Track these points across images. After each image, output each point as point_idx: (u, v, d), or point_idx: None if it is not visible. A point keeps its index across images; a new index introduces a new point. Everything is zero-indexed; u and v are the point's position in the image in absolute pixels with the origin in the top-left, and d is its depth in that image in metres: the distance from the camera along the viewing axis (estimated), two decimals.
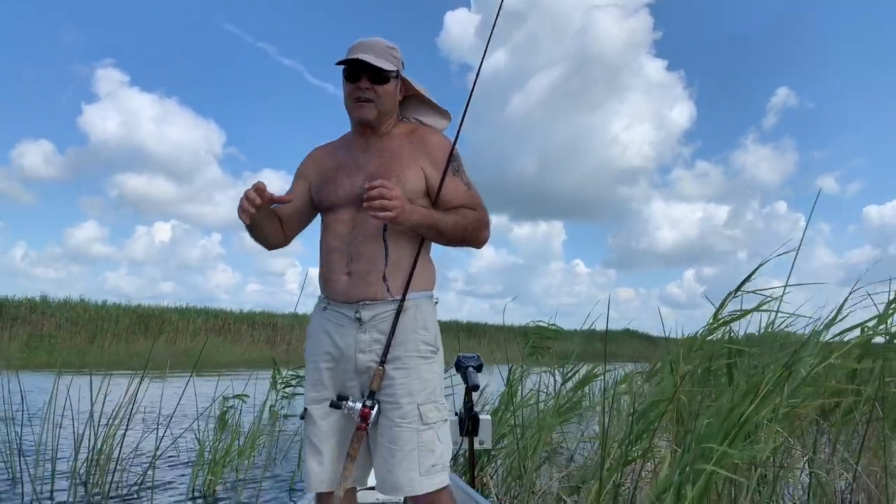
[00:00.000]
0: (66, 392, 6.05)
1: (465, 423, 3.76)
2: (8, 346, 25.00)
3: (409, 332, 2.12)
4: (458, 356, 3.88)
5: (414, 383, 2.10)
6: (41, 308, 29.00)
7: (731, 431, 3.09)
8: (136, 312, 31.05)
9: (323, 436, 2.18)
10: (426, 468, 2.08)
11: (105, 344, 27.34)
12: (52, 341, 26.15)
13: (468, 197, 2.25)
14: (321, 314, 2.23)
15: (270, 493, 5.50)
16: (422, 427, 2.09)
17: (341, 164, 2.28)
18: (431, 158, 2.22)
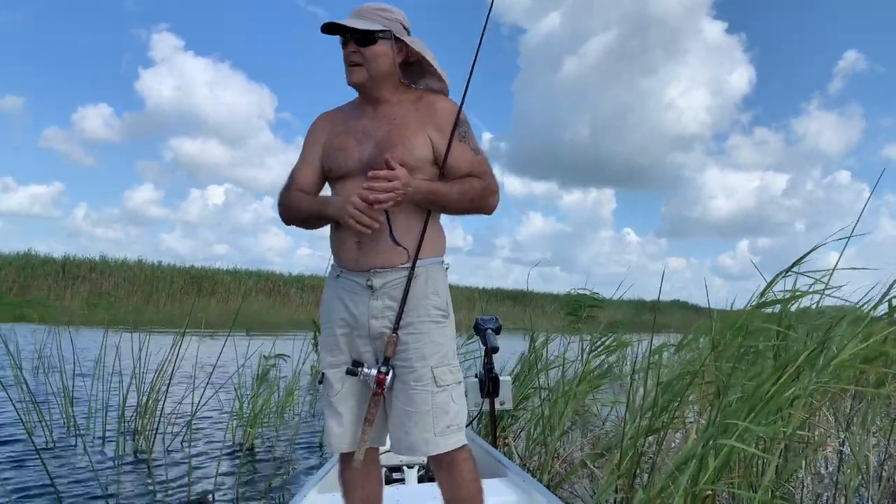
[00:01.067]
0: (115, 349, 6.35)
1: (485, 385, 3.82)
2: (70, 303, 26.14)
3: (420, 297, 2.15)
4: (477, 318, 3.93)
5: (426, 347, 2.13)
6: (101, 267, 30.15)
7: (755, 407, 3.08)
8: (189, 273, 32.02)
9: (341, 398, 2.22)
10: (441, 429, 2.12)
11: (160, 303, 28.31)
12: (111, 300, 27.16)
13: (475, 164, 2.22)
14: (335, 282, 2.26)
15: (304, 449, 5.69)
16: (436, 389, 2.12)
17: (351, 131, 2.27)
18: (437, 125, 2.20)
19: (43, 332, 9.68)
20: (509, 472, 3.28)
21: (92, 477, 4.46)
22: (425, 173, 2.17)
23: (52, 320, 14.72)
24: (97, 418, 5.94)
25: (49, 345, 7.77)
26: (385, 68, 2.22)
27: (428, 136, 2.18)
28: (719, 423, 3.06)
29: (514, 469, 3.29)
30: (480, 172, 2.21)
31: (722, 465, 3.05)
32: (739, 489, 3.16)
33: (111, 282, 29.29)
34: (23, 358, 7.70)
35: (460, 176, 2.19)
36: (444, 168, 2.19)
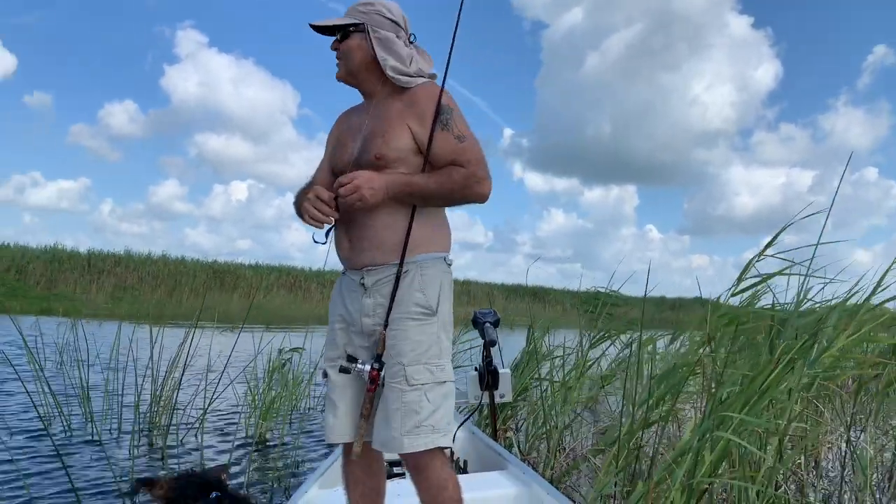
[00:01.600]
0: (133, 342, 6.47)
1: (484, 378, 3.85)
2: (95, 297, 26.55)
3: (405, 294, 2.12)
4: (475, 312, 3.96)
5: (401, 344, 2.10)
6: (125, 262, 30.62)
7: (750, 399, 3.08)
8: (212, 268, 32.39)
9: (338, 391, 2.22)
10: (408, 428, 2.06)
11: (183, 297, 28.64)
12: (135, 294, 27.53)
13: (458, 152, 2.12)
14: (341, 278, 2.31)
15: (315, 441, 5.76)
16: (406, 388, 2.08)
17: (351, 128, 2.29)
18: (418, 114, 2.13)
19: (66, 325, 9.88)
20: (509, 465, 3.29)
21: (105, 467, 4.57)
22: (409, 165, 2.13)
23: (76, 314, 15.00)
24: (113, 410, 6.05)
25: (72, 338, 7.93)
26: (359, 61, 2.22)
27: (407, 125, 2.13)
28: (715, 416, 3.07)
29: (515, 462, 3.31)
30: (464, 160, 2.12)
31: (718, 459, 3.06)
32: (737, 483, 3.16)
33: (135, 276, 29.74)
34: (46, 351, 7.87)
35: (443, 165, 2.12)
36: (428, 157, 2.12)
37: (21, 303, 22.00)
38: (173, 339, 6.22)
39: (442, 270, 2.20)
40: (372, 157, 2.11)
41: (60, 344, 8.40)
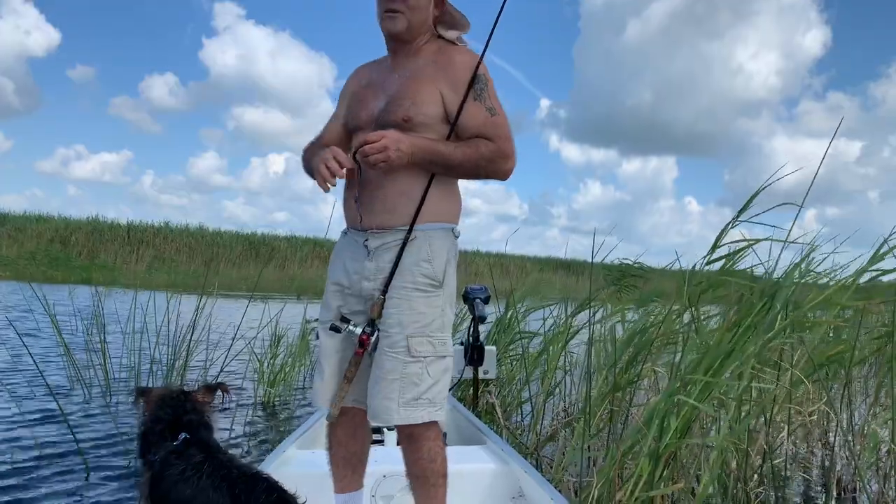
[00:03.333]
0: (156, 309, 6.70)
1: (470, 353, 3.92)
2: (134, 267, 27.31)
3: (410, 263, 2.05)
4: (466, 287, 4.01)
5: (405, 314, 2.05)
6: (164, 233, 31.33)
7: (713, 364, 3.12)
8: (248, 240, 32.96)
9: (326, 353, 2.20)
10: (406, 400, 2.03)
11: (219, 268, 29.22)
12: (172, 264, 28.20)
13: (489, 125, 2.06)
14: (342, 239, 2.26)
15: None
16: (408, 359, 2.04)
17: (372, 84, 2.19)
18: (452, 79, 2.06)
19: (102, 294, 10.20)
20: (488, 440, 3.33)
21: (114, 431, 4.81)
22: (435, 131, 2.06)
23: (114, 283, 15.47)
24: (131, 375, 6.31)
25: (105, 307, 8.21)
26: (423, 18, 2.12)
27: (439, 91, 2.06)
28: (679, 380, 3.12)
29: (494, 437, 3.35)
30: (493, 135, 2.06)
31: (684, 424, 3.12)
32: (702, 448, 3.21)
33: (173, 247, 30.47)
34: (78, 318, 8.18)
35: (470, 136, 2.07)
36: (455, 127, 2.06)
37: (62, 272, 22.75)
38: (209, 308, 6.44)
39: (450, 242, 2.15)
40: (399, 118, 2.03)
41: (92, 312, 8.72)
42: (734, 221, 3.56)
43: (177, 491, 1.93)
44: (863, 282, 3.74)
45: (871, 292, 3.61)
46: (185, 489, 1.92)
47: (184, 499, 1.91)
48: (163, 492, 1.96)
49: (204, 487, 1.90)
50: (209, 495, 1.88)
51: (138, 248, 29.78)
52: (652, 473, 3.01)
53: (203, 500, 1.89)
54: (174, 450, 2.01)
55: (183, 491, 1.92)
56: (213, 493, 1.88)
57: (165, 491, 1.95)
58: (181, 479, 1.93)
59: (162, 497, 1.96)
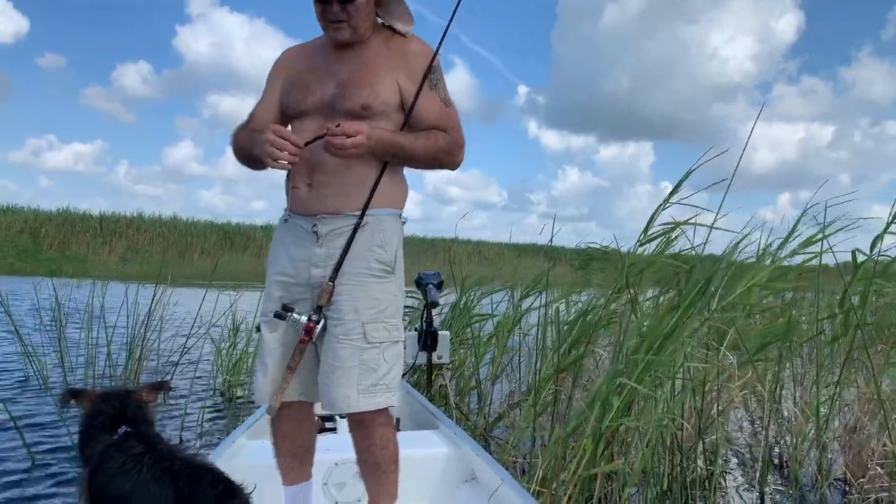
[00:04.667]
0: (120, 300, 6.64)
1: (423, 338, 3.93)
2: (106, 258, 27.01)
3: (363, 248, 2.04)
4: (419, 273, 4.02)
5: (360, 301, 2.03)
6: (137, 224, 31.00)
7: (653, 345, 3.17)
8: (222, 230, 32.70)
9: (269, 348, 2.15)
10: (364, 387, 2.02)
11: (194, 258, 28.99)
12: (145, 255, 27.93)
13: (444, 116, 2.10)
14: (282, 225, 2.19)
15: None
16: (365, 345, 2.03)
17: (314, 69, 2.14)
18: (409, 69, 2.07)
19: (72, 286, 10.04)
20: (441, 425, 3.35)
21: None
22: (390, 120, 2.07)
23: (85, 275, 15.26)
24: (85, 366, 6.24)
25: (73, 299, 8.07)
26: (366, 16, 2.08)
27: (396, 80, 2.06)
28: (621, 362, 3.17)
29: (447, 422, 3.37)
30: (448, 126, 2.10)
31: (625, 404, 3.16)
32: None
33: (146, 238, 30.16)
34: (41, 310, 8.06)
35: (426, 127, 2.08)
36: (410, 117, 2.07)
37: (32, 265, 22.45)
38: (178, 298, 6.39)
39: (398, 227, 2.16)
40: (357, 105, 2.02)
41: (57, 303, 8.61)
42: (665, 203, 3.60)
43: (115, 484, 1.83)
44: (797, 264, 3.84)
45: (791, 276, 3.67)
46: (124, 482, 1.82)
47: (123, 492, 1.81)
48: (101, 486, 1.86)
49: (144, 480, 1.80)
50: (150, 488, 1.79)
51: (111, 239, 29.44)
52: (594, 452, 3.06)
53: (144, 493, 1.80)
54: (113, 443, 1.93)
55: (122, 484, 1.82)
56: (155, 485, 1.79)
57: (103, 485, 1.86)
58: (120, 472, 1.84)
59: (100, 491, 1.87)
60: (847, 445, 3.84)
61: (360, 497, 2.72)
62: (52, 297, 8.38)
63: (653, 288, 4.14)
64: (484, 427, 4.11)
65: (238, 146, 2.19)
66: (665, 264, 3.50)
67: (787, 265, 3.68)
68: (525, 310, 4.57)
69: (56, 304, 6.74)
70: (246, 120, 2.24)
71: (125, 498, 1.81)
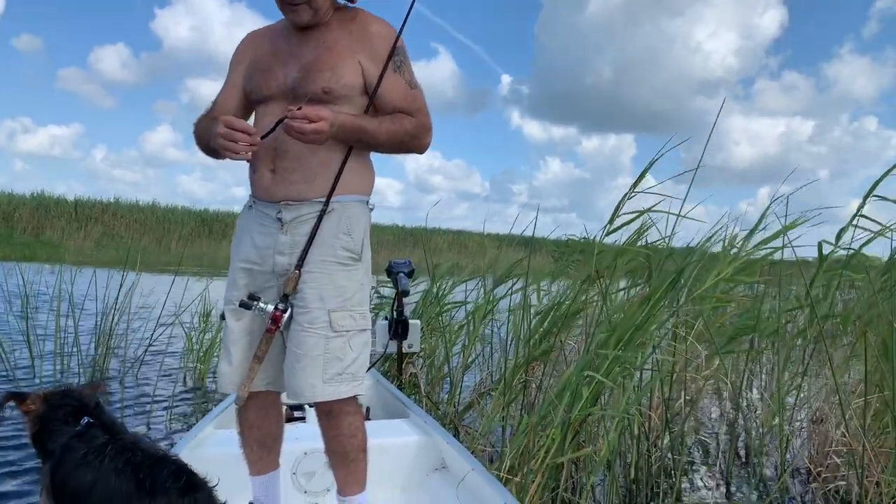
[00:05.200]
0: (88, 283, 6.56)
1: (394, 327, 3.92)
2: (82, 244, 26.65)
3: (329, 235, 2.01)
4: (390, 261, 4.02)
5: (326, 289, 2.01)
6: (113, 209, 30.63)
7: (622, 337, 3.19)
8: (200, 216, 32.42)
9: (234, 337, 2.11)
10: (330, 375, 2.00)
11: (171, 245, 28.73)
12: (122, 241, 27.61)
13: (409, 99, 2.07)
14: (247, 213, 2.14)
15: None
16: (331, 334, 2.00)
17: (277, 53, 2.09)
18: (371, 51, 2.03)
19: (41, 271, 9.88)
20: (412, 413, 3.36)
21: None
22: (354, 104, 2.04)
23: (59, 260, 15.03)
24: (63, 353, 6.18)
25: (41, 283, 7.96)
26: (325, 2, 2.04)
27: (359, 62, 2.02)
28: (591, 353, 3.19)
29: (417, 410, 3.38)
30: (413, 109, 2.07)
31: (594, 395, 3.19)
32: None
33: (123, 224, 29.80)
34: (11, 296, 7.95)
35: (391, 110, 2.06)
36: (374, 99, 2.04)
37: (4, 250, 22.08)
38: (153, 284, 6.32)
39: (366, 214, 2.13)
40: (319, 89, 1.98)
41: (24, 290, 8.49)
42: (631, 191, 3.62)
43: (76, 477, 1.81)
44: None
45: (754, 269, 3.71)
46: (85, 474, 1.80)
47: (84, 485, 1.79)
48: (63, 479, 1.84)
49: (106, 472, 1.78)
50: (111, 480, 1.77)
51: (86, 224, 29.05)
52: (562, 441, 3.09)
53: (104, 485, 1.77)
54: (77, 434, 1.90)
55: (83, 476, 1.80)
56: (116, 477, 1.77)
57: (65, 478, 1.83)
58: (82, 463, 1.81)
59: (62, 485, 1.84)
60: (811, 436, 3.90)
61: (328, 486, 2.75)
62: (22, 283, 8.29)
63: (625, 279, 4.17)
64: (454, 415, 4.12)
65: (199, 136, 2.15)
66: (636, 254, 3.52)
67: (753, 258, 3.71)
68: (498, 298, 4.57)
69: (24, 290, 6.60)
70: (209, 107, 2.19)
71: (86, 491, 1.78)
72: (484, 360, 4.61)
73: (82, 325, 6.39)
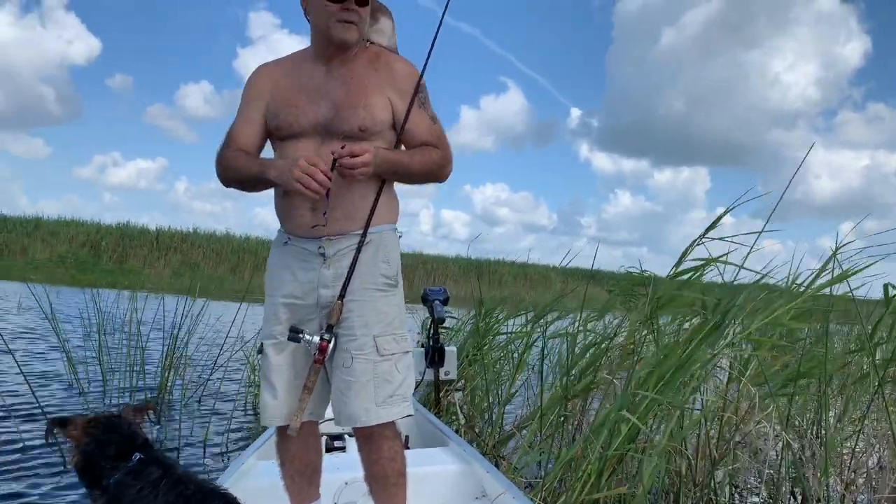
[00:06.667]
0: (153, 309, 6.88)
1: (430, 354, 3.95)
2: (161, 272, 27.83)
3: (370, 264, 2.09)
4: (425, 289, 4.04)
5: (369, 315, 2.08)
6: (191, 239, 31.87)
7: (664, 376, 3.15)
8: None
9: (277, 370, 2.16)
10: (382, 398, 2.07)
11: (245, 273, 29.59)
12: (197, 270, 28.66)
13: (433, 132, 2.17)
14: (282, 249, 2.18)
15: None
16: (378, 359, 2.07)
17: (303, 88, 2.14)
18: (398, 88, 2.13)
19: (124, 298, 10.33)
20: (451, 442, 3.34)
21: None
22: (384, 138, 2.12)
23: (139, 287, 15.74)
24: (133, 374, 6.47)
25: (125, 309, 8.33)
26: (366, 24, 2.16)
27: (388, 98, 2.11)
28: (630, 393, 3.16)
29: (456, 439, 3.37)
30: (437, 142, 2.17)
31: (632, 432, 3.15)
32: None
33: (200, 252, 30.96)
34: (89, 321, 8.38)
35: (417, 144, 2.15)
36: (402, 133, 2.13)
37: (90, 277, 23.26)
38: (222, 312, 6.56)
39: (396, 241, 2.21)
40: (355, 127, 2.06)
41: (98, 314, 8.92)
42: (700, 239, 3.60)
43: None
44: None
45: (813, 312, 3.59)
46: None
47: None
48: None
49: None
50: None
51: (166, 253, 30.34)
52: (599, 477, 3.06)
53: None
54: (130, 470, 1.92)
55: None
56: None
57: None
58: (138, 497, 1.85)
59: None
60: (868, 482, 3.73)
61: None
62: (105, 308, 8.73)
63: (678, 318, 4.10)
64: (493, 445, 4.12)
65: (232, 167, 2.16)
66: (691, 296, 3.48)
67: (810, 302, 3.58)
68: (541, 331, 4.57)
69: (98, 314, 6.98)
70: (227, 140, 2.21)
71: None
72: (527, 392, 4.60)
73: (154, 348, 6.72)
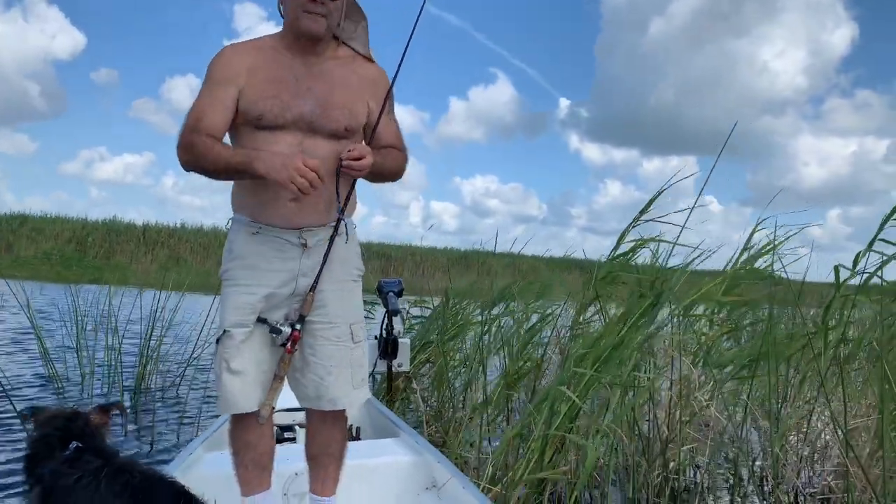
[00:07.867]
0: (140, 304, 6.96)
1: (384, 346, 4.03)
2: (148, 267, 27.84)
3: (347, 254, 2.22)
4: (380, 281, 4.12)
5: (347, 304, 2.23)
6: (178, 234, 31.88)
7: (600, 356, 3.30)
8: None
9: (244, 358, 2.15)
10: (357, 382, 2.23)
11: None
12: (185, 264, 28.67)
13: (397, 136, 2.30)
14: (253, 238, 2.17)
15: None
16: (352, 345, 2.22)
17: (283, 80, 2.12)
18: (374, 93, 2.22)
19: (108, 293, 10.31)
20: (402, 433, 3.39)
21: None
22: (358, 139, 2.22)
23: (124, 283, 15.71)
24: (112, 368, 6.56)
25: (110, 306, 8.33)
26: (337, 17, 2.16)
27: (367, 102, 2.21)
28: (569, 369, 3.30)
29: (407, 430, 3.41)
30: (400, 145, 2.30)
31: (571, 412, 3.30)
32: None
33: (187, 247, 30.99)
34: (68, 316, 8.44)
35: (383, 145, 2.23)
36: (372, 137, 2.21)
37: (75, 273, 23.27)
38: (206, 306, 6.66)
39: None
40: (341, 127, 2.13)
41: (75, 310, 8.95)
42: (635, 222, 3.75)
43: (74, 501, 1.78)
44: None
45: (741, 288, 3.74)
46: (82, 497, 1.77)
47: None
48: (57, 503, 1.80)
49: (104, 495, 1.77)
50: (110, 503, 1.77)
51: (153, 248, 30.36)
52: (541, 456, 3.20)
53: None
54: (66, 459, 1.86)
55: (82, 500, 1.77)
56: (115, 500, 1.77)
57: (61, 502, 1.79)
58: (77, 486, 1.77)
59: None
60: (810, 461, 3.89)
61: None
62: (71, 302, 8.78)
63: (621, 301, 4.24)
64: (445, 433, 4.23)
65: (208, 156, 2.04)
66: (621, 276, 3.64)
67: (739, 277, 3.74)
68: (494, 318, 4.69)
69: (75, 311, 7.07)
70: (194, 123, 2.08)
71: None
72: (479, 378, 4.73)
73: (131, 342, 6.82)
